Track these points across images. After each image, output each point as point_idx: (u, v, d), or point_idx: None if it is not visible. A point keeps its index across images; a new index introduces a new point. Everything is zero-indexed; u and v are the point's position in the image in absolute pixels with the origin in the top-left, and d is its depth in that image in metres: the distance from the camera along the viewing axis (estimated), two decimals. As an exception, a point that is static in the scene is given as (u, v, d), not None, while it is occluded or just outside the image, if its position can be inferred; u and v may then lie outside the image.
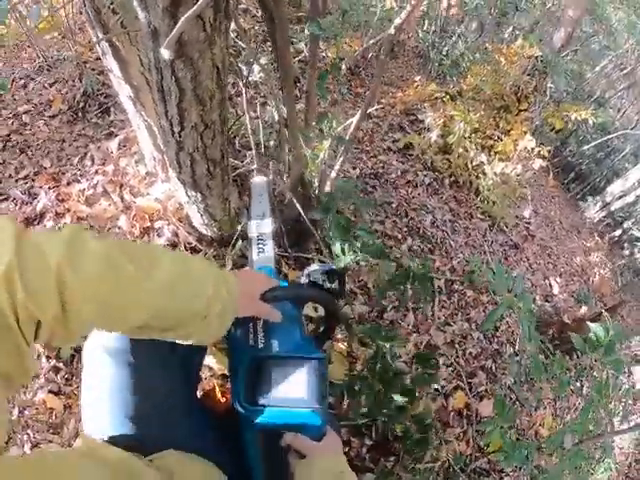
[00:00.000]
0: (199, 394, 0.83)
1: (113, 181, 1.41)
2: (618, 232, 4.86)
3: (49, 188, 1.45)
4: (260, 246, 0.80)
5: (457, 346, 1.75)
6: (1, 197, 1.46)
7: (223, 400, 0.94)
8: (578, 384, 2.17)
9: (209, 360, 1.03)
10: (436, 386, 1.51)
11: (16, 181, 1.54)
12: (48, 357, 1.07)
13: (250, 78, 1.13)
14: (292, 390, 0.58)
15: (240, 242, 1.18)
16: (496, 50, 2.80)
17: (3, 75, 1.96)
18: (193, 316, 0.49)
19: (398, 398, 0.99)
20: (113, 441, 0.54)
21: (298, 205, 1.06)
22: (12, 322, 0.34)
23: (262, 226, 0.82)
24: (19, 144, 1.71)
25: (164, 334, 0.49)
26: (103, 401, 0.57)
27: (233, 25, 1.07)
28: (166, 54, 0.61)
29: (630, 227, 4.81)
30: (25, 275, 0.34)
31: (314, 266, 0.68)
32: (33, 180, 1.53)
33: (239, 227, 1.16)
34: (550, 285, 2.80)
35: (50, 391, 1.03)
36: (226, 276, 0.54)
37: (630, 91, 5.71)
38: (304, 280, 0.68)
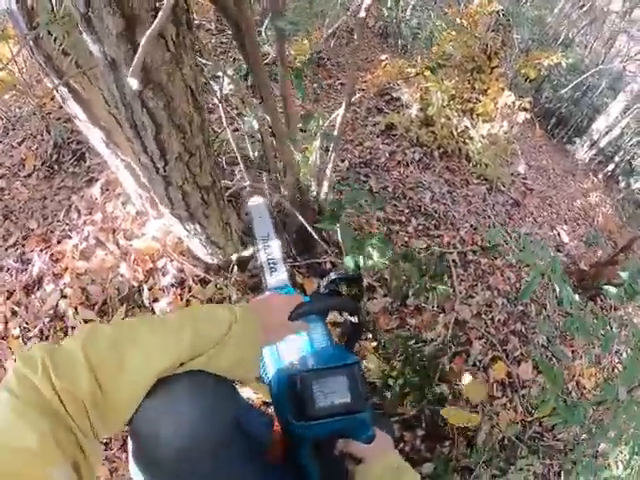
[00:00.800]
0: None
1: (104, 229, 1.36)
2: (611, 167, 4.85)
3: (41, 250, 1.40)
4: (272, 267, 0.84)
5: (484, 316, 1.72)
6: (-5, 269, 1.41)
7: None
8: (607, 327, 2.16)
9: (247, 393, 1.00)
10: (474, 361, 1.49)
11: (6, 249, 1.49)
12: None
13: (222, 91, 1.08)
14: (336, 398, 0.61)
15: (236, 268, 1.15)
16: (455, 13, 2.76)
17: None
18: (209, 343, 0.50)
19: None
20: None
21: (299, 214, 1.02)
22: (59, 408, 0.40)
23: (270, 248, 0.86)
24: (1, 211, 1.65)
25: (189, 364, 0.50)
26: None
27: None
28: (134, 84, 0.55)
29: (622, 159, 4.80)
30: (57, 369, 0.41)
31: (331, 275, 0.72)
32: (23, 245, 1.47)
33: (234, 256, 1.13)
34: (558, 234, 2.78)
35: (92, 459, 1.00)
36: (237, 308, 0.56)
37: (593, 26, 5.68)
38: (323, 290, 0.72)
